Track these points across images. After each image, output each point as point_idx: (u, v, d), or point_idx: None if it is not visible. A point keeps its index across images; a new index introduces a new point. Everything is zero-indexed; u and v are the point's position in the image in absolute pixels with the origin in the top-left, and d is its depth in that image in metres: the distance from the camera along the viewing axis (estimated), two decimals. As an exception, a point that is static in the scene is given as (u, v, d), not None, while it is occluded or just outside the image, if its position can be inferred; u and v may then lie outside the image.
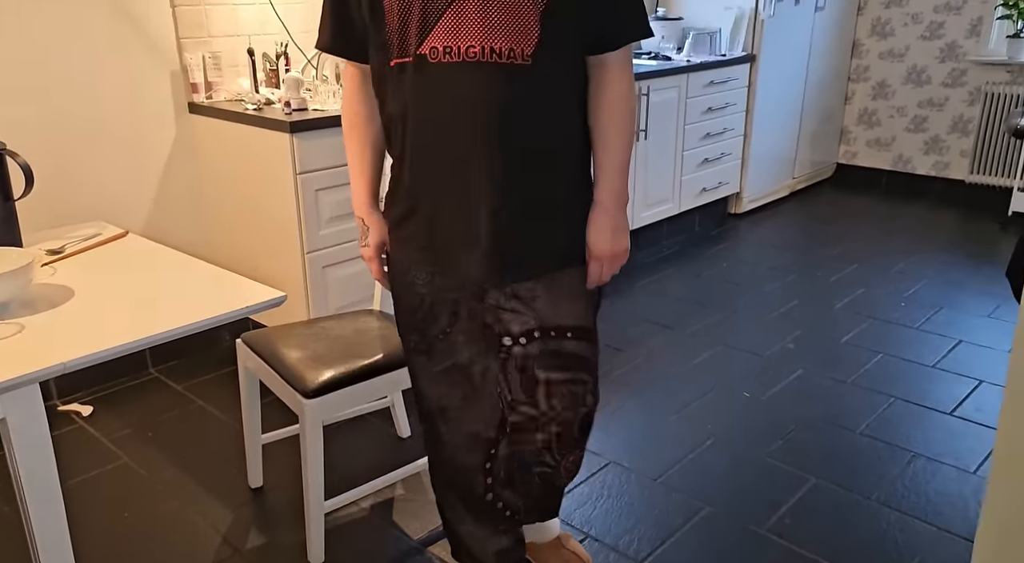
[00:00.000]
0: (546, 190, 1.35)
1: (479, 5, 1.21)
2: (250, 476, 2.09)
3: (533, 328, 1.41)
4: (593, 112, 1.35)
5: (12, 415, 1.19)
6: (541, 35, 1.22)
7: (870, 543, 1.83)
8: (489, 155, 1.28)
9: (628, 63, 1.35)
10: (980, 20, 4.24)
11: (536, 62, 1.24)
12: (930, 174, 4.61)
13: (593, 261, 1.40)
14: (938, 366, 2.65)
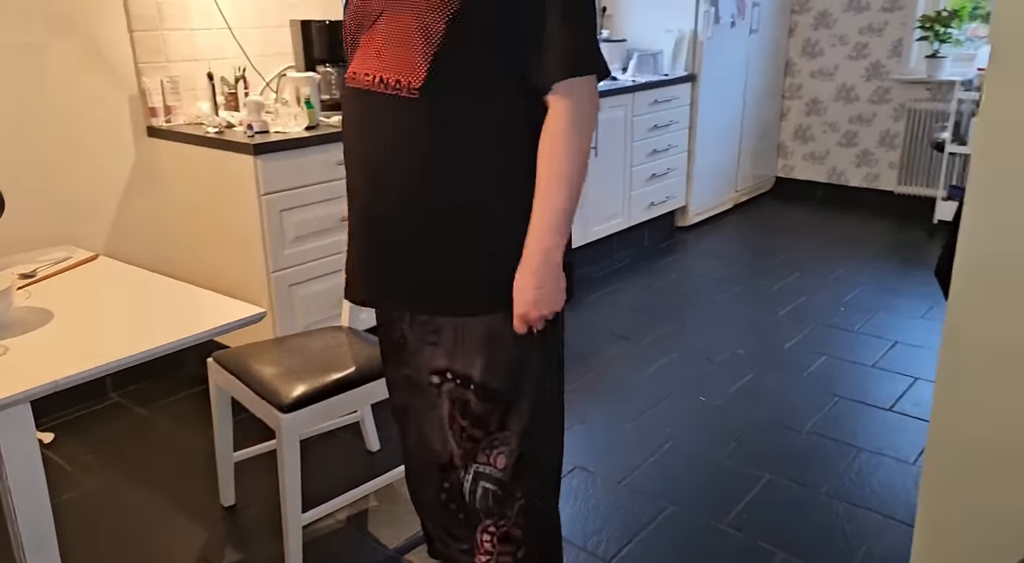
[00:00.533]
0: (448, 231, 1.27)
1: (385, 28, 1.22)
2: (222, 494, 2.10)
3: (446, 368, 1.39)
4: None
5: (5, 434, 1.21)
6: (430, 67, 1.19)
7: (821, 533, 1.95)
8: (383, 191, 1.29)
9: (570, 100, 1.21)
10: (900, 41, 4.52)
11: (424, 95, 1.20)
12: (862, 185, 4.86)
13: (516, 317, 1.28)
14: (877, 366, 2.82)
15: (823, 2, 4.73)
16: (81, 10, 2.42)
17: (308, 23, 2.75)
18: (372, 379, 1.87)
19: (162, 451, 2.35)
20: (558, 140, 1.22)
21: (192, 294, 1.62)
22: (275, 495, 2.12)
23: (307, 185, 2.46)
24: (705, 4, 4.06)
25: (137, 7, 2.53)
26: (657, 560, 1.86)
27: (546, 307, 1.27)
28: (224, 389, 1.98)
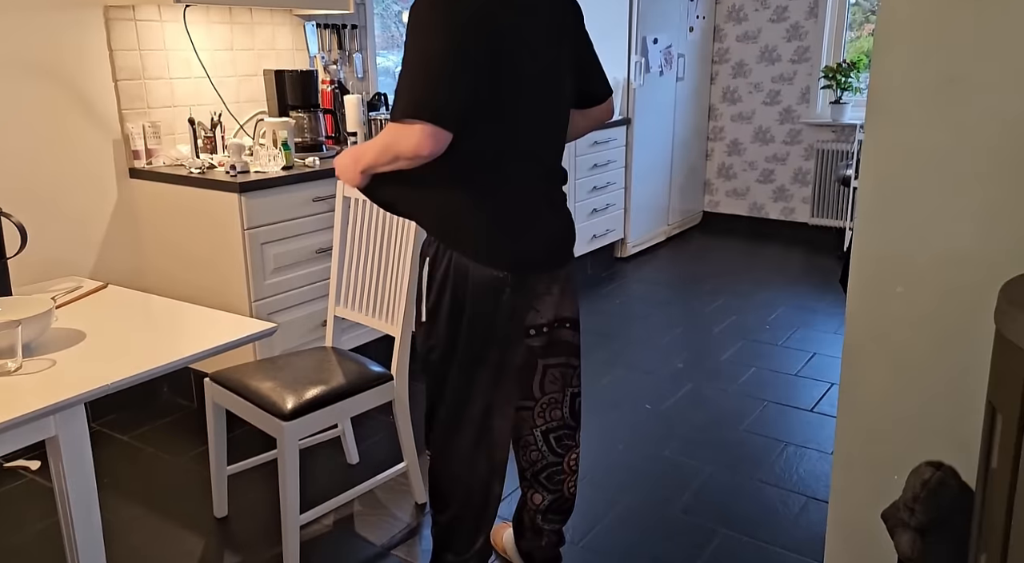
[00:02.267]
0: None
1: None
2: (215, 507, 2.26)
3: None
4: None
5: (63, 432, 1.39)
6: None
7: (757, 512, 2.24)
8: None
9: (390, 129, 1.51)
10: (808, 89, 5.04)
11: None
12: (780, 218, 5.33)
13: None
14: (799, 374, 3.17)
15: (740, 54, 5.23)
16: (71, 62, 2.60)
17: (282, 72, 2.99)
18: (362, 390, 2.09)
19: (149, 472, 2.49)
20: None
21: (206, 313, 1.82)
22: (265, 506, 2.30)
23: (286, 220, 2.67)
24: (636, 55, 4.47)
25: (122, 59, 2.73)
26: (618, 542, 2.12)
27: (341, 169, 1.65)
28: (220, 406, 2.16)
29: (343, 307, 2.33)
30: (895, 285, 1.34)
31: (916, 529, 1.17)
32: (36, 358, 1.51)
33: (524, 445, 1.86)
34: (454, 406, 1.70)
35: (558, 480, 1.87)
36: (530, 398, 1.81)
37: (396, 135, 1.49)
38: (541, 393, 1.82)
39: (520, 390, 1.78)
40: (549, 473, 1.87)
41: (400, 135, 1.48)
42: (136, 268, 2.88)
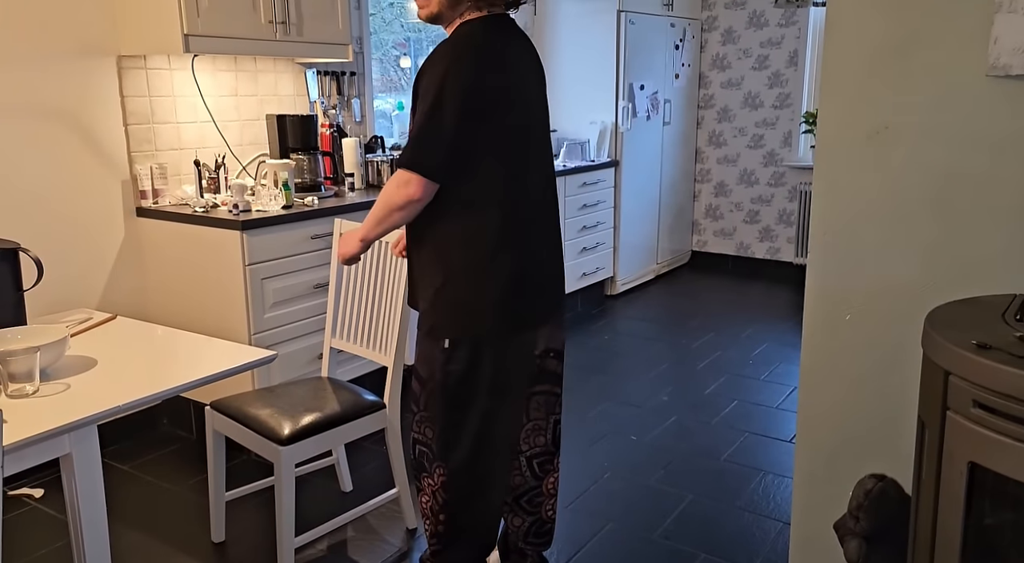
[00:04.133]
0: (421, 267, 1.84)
1: None
2: (213, 532, 2.34)
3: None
4: None
5: (77, 450, 1.50)
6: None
7: (736, 537, 2.33)
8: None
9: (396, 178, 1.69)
10: (790, 133, 5.24)
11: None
12: (765, 258, 5.48)
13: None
14: (780, 407, 3.28)
15: (724, 100, 5.44)
16: (86, 108, 2.76)
17: (283, 117, 3.15)
18: (355, 417, 2.19)
19: (149, 500, 2.57)
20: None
21: (210, 343, 1.93)
22: (261, 531, 2.38)
23: (285, 257, 2.80)
24: (623, 101, 4.67)
25: (132, 104, 2.89)
26: (600, 565, 2.20)
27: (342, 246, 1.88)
28: (220, 433, 2.26)
29: (339, 339, 2.44)
30: (844, 312, 1.46)
31: (861, 536, 1.27)
32: (52, 382, 1.62)
33: (510, 470, 1.97)
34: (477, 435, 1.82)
35: (537, 502, 1.97)
36: (519, 425, 1.92)
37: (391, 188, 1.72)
38: (527, 419, 1.93)
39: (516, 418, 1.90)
40: (530, 496, 1.97)
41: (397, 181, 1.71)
42: (141, 301, 3.00)
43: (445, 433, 1.82)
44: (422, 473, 1.90)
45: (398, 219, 1.76)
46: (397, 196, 1.71)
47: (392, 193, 1.71)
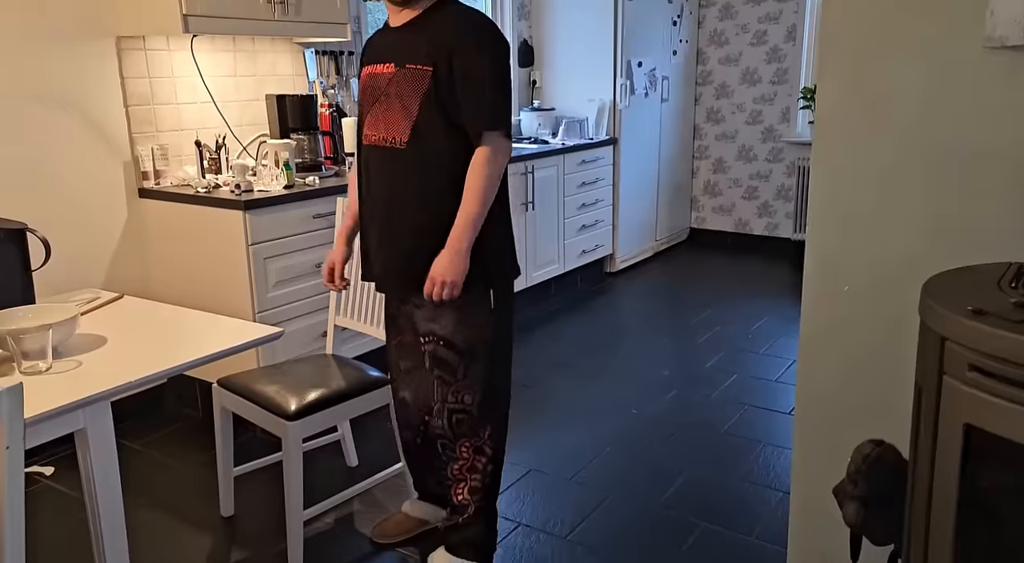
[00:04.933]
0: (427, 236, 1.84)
1: (384, 105, 1.84)
2: (222, 506, 2.38)
3: (427, 331, 1.94)
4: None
5: (91, 425, 1.53)
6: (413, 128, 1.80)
7: (735, 506, 2.38)
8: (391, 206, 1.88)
9: (489, 147, 1.78)
10: (788, 109, 5.24)
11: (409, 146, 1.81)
12: (764, 234, 5.50)
13: (428, 280, 1.83)
14: (779, 380, 3.32)
15: (722, 76, 5.43)
16: (86, 90, 2.76)
17: (283, 97, 3.15)
18: (361, 393, 2.22)
19: (157, 477, 2.61)
20: (476, 171, 1.80)
21: (217, 320, 1.95)
22: (269, 506, 2.42)
23: (287, 236, 2.82)
24: (621, 78, 4.66)
25: (132, 86, 2.89)
26: (604, 535, 2.25)
27: (444, 275, 1.81)
28: (227, 409, 2.29)
29: (343, 316, 2.47)
30: (842, 284, 1.49)
31: (859, 499, 1.31)
32: (64, 360, 1.65)
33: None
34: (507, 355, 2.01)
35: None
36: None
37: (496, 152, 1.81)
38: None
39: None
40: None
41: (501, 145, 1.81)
42: (144, 282, 3.02)
43: (492, 390, 1.97)
44: (461, 440, 1.98)
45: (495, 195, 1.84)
46: (501, 166, 1.82)
47: (500, 165, 1.81)
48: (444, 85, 1.76)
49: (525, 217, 4.05)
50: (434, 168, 1.82)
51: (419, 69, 1.78)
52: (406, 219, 1.87)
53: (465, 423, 1.96)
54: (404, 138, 1.81)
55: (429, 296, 1.83)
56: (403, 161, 1.83)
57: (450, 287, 1.81)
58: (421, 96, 1.77)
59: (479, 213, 1.80)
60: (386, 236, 1.91)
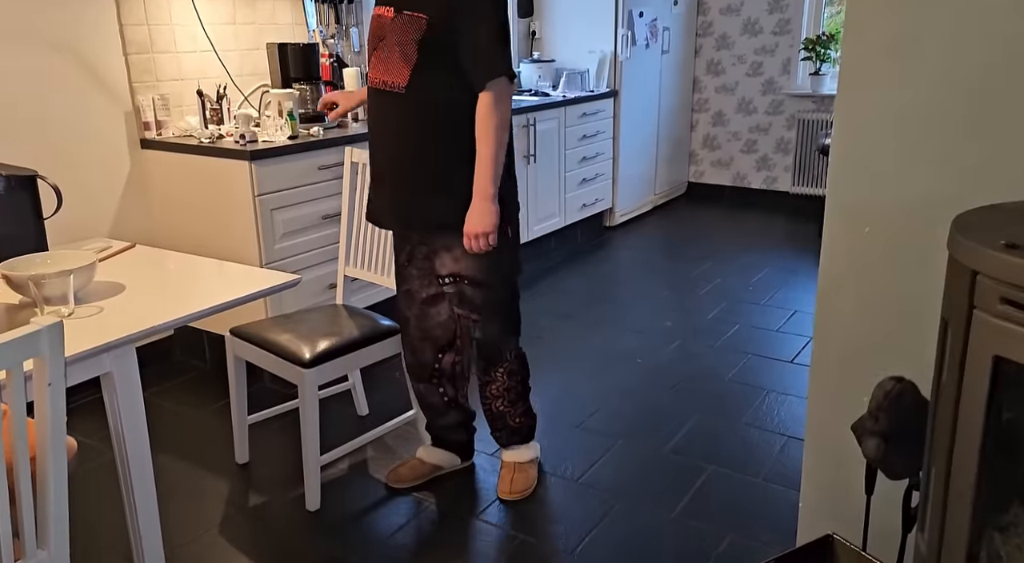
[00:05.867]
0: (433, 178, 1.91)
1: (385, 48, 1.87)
2: (237, 453, 2.41)
3: (449, 273, 2.01)
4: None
5: (117, 369, 1.53)
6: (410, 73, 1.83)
7: (742, 450, 2.43)
8: (393, 150, 1.93)
9: (494, 93, 1.82)
10: (789, 61, 5.19)
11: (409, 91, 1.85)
12: (762, 187, 5.51)
13: (464, 236, 1.90)
14: (780, 330, 3.36)
15: (723, 26, 5.36)
16: (83, 36, 2.70)
17: (284, 46, 3.10)
18: (373, 341, 2.23)
19: (170, 425, 2.63)
20: (483, 118, 1.84)
21: (233, 268, 1.95)
22: (282, 453, 2.45)
23: (294, 187, 2.80)
24: (623, 28, 4.60)
25: (131, 33, 2.83)
26: (613, 480, 2.29)
27: (483, 226, 1.86)
28: (241, 358, 2.30)
29: (352, 266, 2.47)
30: (863, 226, 1.50)
31: (880, 435, 1.34)
32: (85, 305, 1.65)
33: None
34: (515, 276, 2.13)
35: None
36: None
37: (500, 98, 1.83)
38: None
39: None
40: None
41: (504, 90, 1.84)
42: (150, 233, 3.00)
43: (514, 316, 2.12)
44: (495, 367, 2.12)
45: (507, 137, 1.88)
46: (507, 110, 1.84)
47: (507, 108, 1.84)
48: (442, 31, 1.79)
49: (527, 170, 4.03)
50: (432, 113, 1.86)
51: (414, 16, 1.81)
52: (407, 162, 1.92)
53: (494, 351, 2.11)
54: (403, 82, 1.85)
55: (469, 249, 1.90)
56: (403, 105, 1.87)
57: (487, 238, 1.88)
58: (417, 42, 1.81)
59: (496, 159, 1.86)
60: (393, 177, 1.96)
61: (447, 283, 2.03)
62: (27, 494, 1.10)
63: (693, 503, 2.17)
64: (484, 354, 2.12)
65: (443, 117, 1.87)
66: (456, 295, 2.04)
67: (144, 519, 1.66)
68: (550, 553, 1.98)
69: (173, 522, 2.12)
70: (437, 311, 2.10)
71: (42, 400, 1.08)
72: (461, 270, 1.99)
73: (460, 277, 2.00)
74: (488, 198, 1.86)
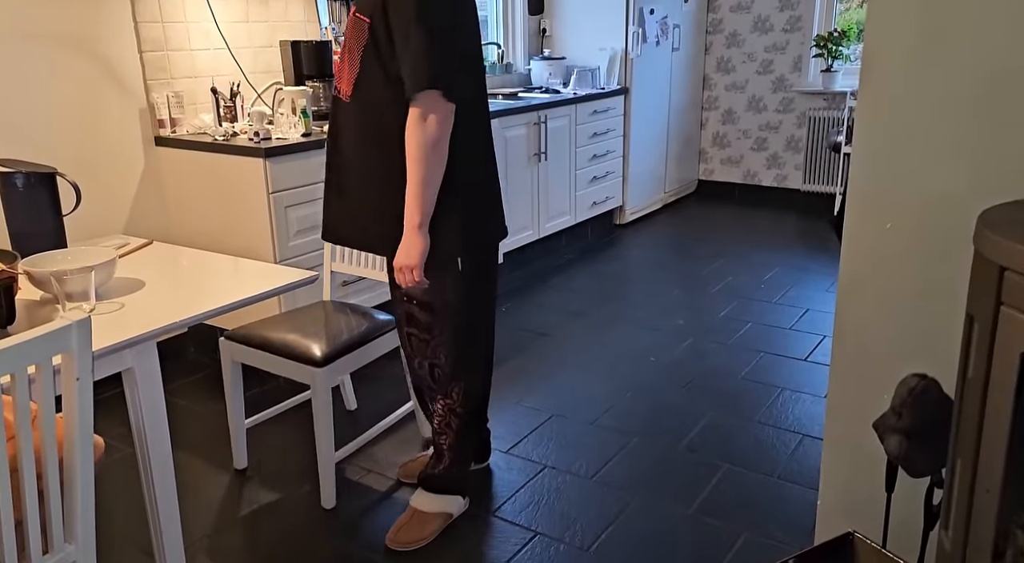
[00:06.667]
0: (373, 195, 1.78)
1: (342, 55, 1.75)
2: (235, 459, 2.36)
3: (404, 292, 1.89)
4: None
5: (138, 364, 1.54)
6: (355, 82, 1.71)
7: (756, 449, 2.42)
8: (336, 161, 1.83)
9: (420, 107, 1.62)
10: (800, 58, 5.18)
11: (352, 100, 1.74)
12: (772, 185, 5.49)
13: (395, 269, 1.76)
14: (793, 328, 3.35)
15: (733, 24, 5.35)
16: (98, 34, 2.71)
17: (297, 43, 3.10)
18: (377, 336, 2.22)
19: (185, 422, 2.64)
20: (409, 137, 1.66)
21: (250, 265, 1.96)
22: (282, 456, 2.43)
23: (307, 184, 2.80)
24: (633, 26, 4.59)
25: (146, 31, 2.84)
26: (628, 477, 2.29)
27: (406, 259, 1.73)
28: (237, 362, 2.24)
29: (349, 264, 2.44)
30: (885, 222, 1.50)
31: (903, 432, 1.34)
32: (105, 301, 1.65)
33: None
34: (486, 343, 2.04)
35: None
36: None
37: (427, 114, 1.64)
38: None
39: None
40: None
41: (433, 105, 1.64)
42: (165, 230, 3.01)
43: (463, 352, 1.94)
44: (437, 396, 2.00)
45: (443, 161, 1.68)
46: (437, 129, 1.64)
47: (436, 127, 1.64)
48: (380, 38, 1.65)
49: (538, 168, 4.03)
50: (375, 124, 1.73)
51: (360, 19, 1.69)
52: (346, 176, 1.81)
53: (441, 379, 1.97)
54: (348, 91, 1.74)
55: (399, 282, 1.78)
56: (348, 115, 1.76)
57: (410, 272, 1.73)
58: (361, 48, 1.69)
59: (422, 183, 1.66)
60: (336, 189, 1.85)
61: (405, 300, 1.92)
62: (55, 488, 1.10)
63: (708, 501, 2.17)
64: (434, 377, 1.98)
65: (380, 133, 1.72)
66: (404, 315, 1.94)
67: (164, 514, 1.67)
68: (566, 551, 1.98)
69: (191, 517, 2.12)
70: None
71: (71, 395, 1.09)
72: (408, 289, 1.85)
73: (409, 297, 1.89)
74: (414, 228, 1.70)
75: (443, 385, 1.97)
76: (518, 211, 3.94)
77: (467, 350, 1.95)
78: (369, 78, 1.70)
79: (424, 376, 2.02)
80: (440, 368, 1.96)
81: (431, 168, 1.66)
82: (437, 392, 2.00)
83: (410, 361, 2.09)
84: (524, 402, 2.74)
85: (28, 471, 1.04)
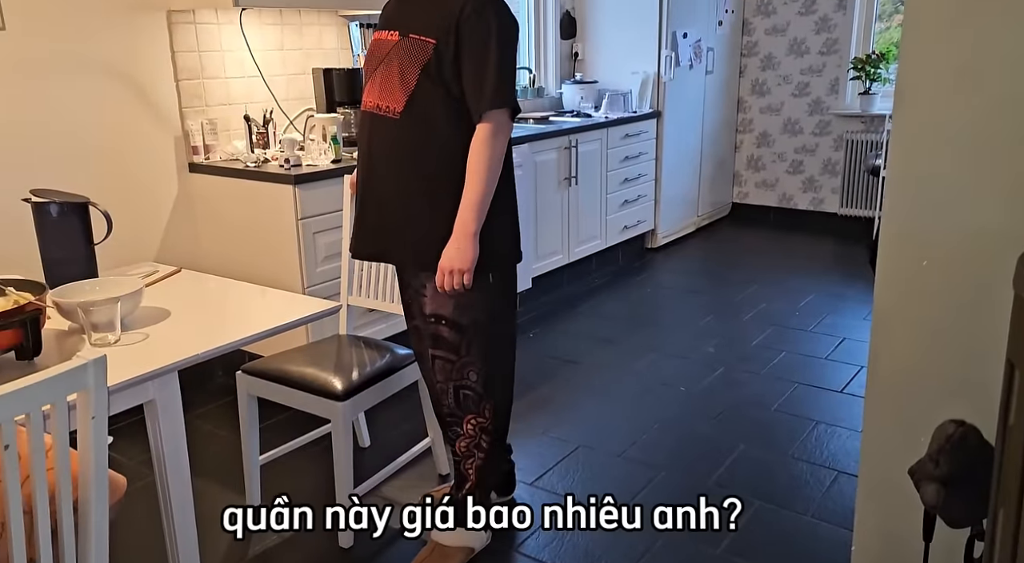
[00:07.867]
0: (418, 211, 1.82)
1: (383, 72, 1.81)
2: (248, 495, 2.30)
3: (431, 312, 1.91)
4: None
5: (160, 396, 1.55)
6: (408, 99, 1.76)
7: (788, 485, 2.35)
8: (380, 177, 1.86)
9: (492, 124, 1.73)
10: (837, 80, 5.10)
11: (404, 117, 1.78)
12: (809, 209, 5.39)
13: (438, 270, 1.79)
14: (829, 358, 3.26)
15: (768, 46, 5.30)
16: (136, 64, 2.77)
17: (330, 71, 3.14)
18: (397, 369, 2.19)
19: (208, 448, 2.65)
20: (477, 151, 1.75)
21: (275, 294, 1.97)
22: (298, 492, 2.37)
23: (336, 210, 2.82)
24: (666, 49, 4.57)
25: (182, 60, 2.90)
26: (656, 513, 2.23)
27: (459, 262, 1.76)
28: (253, 396, 2.20)
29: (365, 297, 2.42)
30: (920, 259, 1.44)
31: (940, 480, 1.27)
32: (131, 332, 1.67)
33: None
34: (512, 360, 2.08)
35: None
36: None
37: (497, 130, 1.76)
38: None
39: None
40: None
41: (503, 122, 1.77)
42: (195, 257, 3.05)
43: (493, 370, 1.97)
44: (468, 416, 1.98)
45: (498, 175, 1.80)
46: (503, 146, 1.77)
47: (502, 144, 1.76)
48: (446, 58, 1.73)
49: (568, 192, 4.01)
50: (428, 141, 1.79)
51: (422, 40, 1.75)
52: (392, 192, 1.85)
53: (471, 399, 1.97)
54: (399, 108, 1.78)
55: (441, 286, 1.80)
56: (397, 132, 1.80)
57: (460, 276, 1.77)
58: (420, 67, 1.74)
59: (484, 195, 1.76)
60: (376, 205, 1.88)
61: (432, 322, 1.92)
62: (69, 527, 1.10)
63: (738, 539, 2.10)
64: (460, 400, 1.97)
65: (435, 149, 1.80)
66: (431, 336, 1.93)
67: (183, 545, 1.67)
68: (590, 589, 1.93)
69: (210, 547, 2.12)
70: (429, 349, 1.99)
71: (86, 433, 1.09)
72: (437, 309, 1.89)
73: (437, 317, 1.90)
74: (468, 235, 1.76)
75: (475, 403, 1.97)
76: (548, 235, 3.91)
77: (496, 367, 1.98)
78: (427, 95, 1.76)
79: (448, 403, 2.00)
80: (468, 389, 1.96)
81: (493, 181, 1.77)
82: (466, 413, 1.98)
83: (432, 388, 2.06)
84: (551, 432, 2.70)
85: (41, 509, 1.04)
